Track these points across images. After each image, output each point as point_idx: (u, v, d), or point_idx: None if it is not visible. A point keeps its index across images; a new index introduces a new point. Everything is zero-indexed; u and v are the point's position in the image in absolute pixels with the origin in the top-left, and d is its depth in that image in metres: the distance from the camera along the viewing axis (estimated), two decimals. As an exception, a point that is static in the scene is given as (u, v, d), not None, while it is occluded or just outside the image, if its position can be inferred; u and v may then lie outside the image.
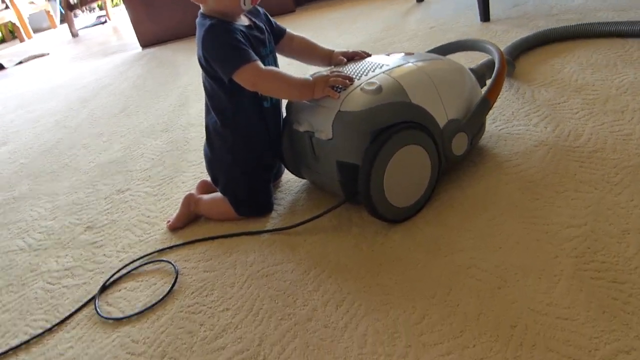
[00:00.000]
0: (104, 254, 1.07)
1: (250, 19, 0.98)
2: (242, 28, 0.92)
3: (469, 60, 1.32)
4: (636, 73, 1.23)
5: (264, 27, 0.99)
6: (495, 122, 1.16)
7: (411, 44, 1.89)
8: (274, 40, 1.02)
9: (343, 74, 0.91)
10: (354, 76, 0.92)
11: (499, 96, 1.13)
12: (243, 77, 0.90)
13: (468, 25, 1.95)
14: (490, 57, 1.14)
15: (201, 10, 0.96)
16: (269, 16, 1.03)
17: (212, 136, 1.01)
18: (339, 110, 0.88)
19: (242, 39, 0.90)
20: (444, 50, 1.19)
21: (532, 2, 2.02)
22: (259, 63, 0.90)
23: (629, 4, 1.71)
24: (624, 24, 1.40)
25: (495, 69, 1.06)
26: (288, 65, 1.26)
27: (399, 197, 0.89)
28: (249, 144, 0.99)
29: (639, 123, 1.03)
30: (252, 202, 1.03)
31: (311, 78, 0.91)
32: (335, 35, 2.33)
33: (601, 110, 1.11)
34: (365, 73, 0.93)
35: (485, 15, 1.93)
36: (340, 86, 0.89)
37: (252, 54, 0.90)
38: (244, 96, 0.94)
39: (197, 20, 0.96)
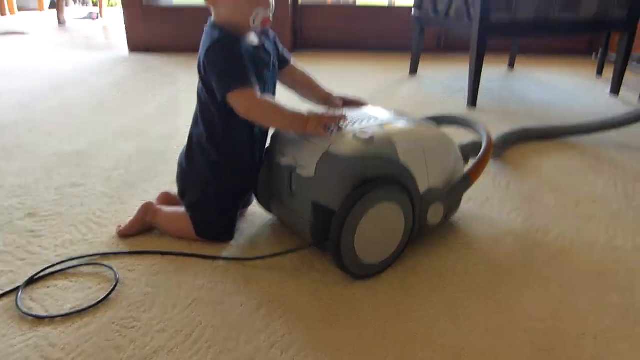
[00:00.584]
0: (40, 245, 0.99)
1: (260, 39, 0.97)
2: (249, 47, 0.91)
3: (455, 137, 1.34)
4: (605, 185, 1.27)
5: (271, 50, 0.98)
6: (469, 202, 1.17)
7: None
8: (278, 66, 1.01)
9: (338, 114, 0.90)
10: (348, 122, 0.91)
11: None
12: (237, 101, 0.87)
13: (455, 107, 2.00)
14: (478, 138, 1.16)
15: (211, 18, 0.94)
16: (278, 40, 1.02)
17: (194, 148, 0.97)
18: (327, 151, 0.86)
19: (247, 60, 0.88)
20: (436, 120, 1.20)
21: (517, 101, 2.11)
22: (256, 90, 0.87)
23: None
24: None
25: (482, 149, 1.07)
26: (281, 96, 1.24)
27: (367, 252, 0.86)
28: (232, 166, 0.96)
29: (604, 232, 1.05)
30: (216, 225, 0.98)
31: (305, 113, 0.90)
32: (327, 85, 2.34)
33: (571, 213, 1.13)
34: (359, 121, 0.92)
35: (472, 102, 1.99)
36: (332, 128, 0.88)
37: (253, 79, 0.87)
38: (237, 115, 0.91)
39: (206, 28, 0.93)
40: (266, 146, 1.01)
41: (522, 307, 0.82)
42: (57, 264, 0.92)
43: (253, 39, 0.94)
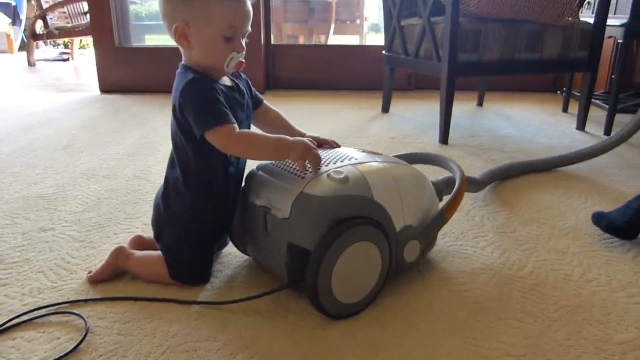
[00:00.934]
0: (6, 294, 0.95)
1: (232, 81, 0.97)
2: (223, 88, 0.91)
3: (428, 174, 1.35)
4: (577, 219, 1.29)
5: (244, 90, 0.98)
6: (445, 238, 1.17)
7: (372, 148, 1.94)
8: (252, 107, 1.01)
9: (320, 157, 0.89)
10: (322, 162, 0.91)
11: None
12: (216, 138, 0.87)
13: (427, 143, 2.03)
14: (450, 175, 1.18)
15: (183, 62, 0.94)
16: (249, 82, 1.03)
17: (170, 191, 0.96)
18: (302, 192, 0.86)
19: (222, 99, 0.88)
20: (409, 158, 1.22)
21: (487, 136, 2.16)
22: (234, 126, 0.87)
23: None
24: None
25: (456, 186, 1.08)
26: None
27: (344, 292, 0.85)
28: (207, 208, 0.94)
29: (578, 266, 1.06)
30: (191, 268, 0.96)
31: (288, 137, 0.90)
32: (300, 124, 2.36)
33: (544, 247, 1.14)
34: (333, 161, 0.92)
35: (444, 138, 2.03)
36: (310, 168, 0.88)
37: (230, 116, 0.88)
38: (212, 158, 0.91)
39: (178, 70, 0.93)
40: (241, 187, 1.00)
41: (500, 342, 0.81)
42: (24, 313, 0.88)
43: (226, 80, 0.95)
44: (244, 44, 0.92)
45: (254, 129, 1.03)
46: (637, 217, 1.15)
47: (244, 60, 0.92)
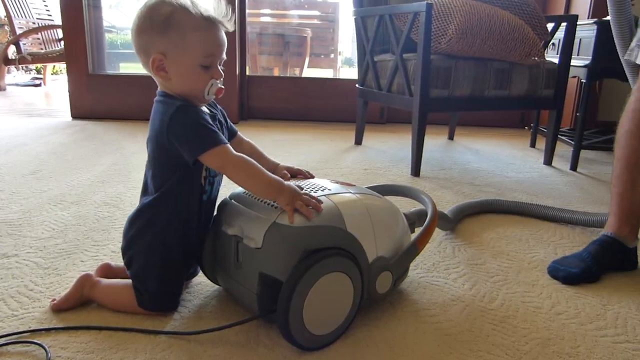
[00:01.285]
0: (-36, 323, 0.91)
1: (210, 111, 0.98)
2: (207, 115, 0.91)
3: (400, 206, 1.37)
4: (546, 252, 1.32)
5: (222, 120, 0.99)
6: (416, 269, 1.18)
7: (345, 179, 1.95)
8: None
9: (314, 201, 0.88)
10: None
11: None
12: (212, 159, 0.87)
13: (399, 176, 2.06)
14: (422, 207, 1.19)
15: (161, 89, 0.94)
16: (225, 114, 1.03)
17: (141, 217, 0.94)
18: (275, 222, 0.86)
19: (211, 122, 0.89)
20: (381, 190, 1.23)
21: (458, 170, 2.19)
22: (229, 147, 0.88)
23: (539, 190, 1.89)
24: (563, 211, 1.55)
25: (428, 219, 1.09)
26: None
27: (316, 324, 0.84)
28: (178, 235, 0.93)
29: (547, 298, 1.08)
30: (160, 295, 0.94)
31: (283, 181, 0.89)
32: (273, 156, 2.36)
33: (514, 280, 1.16)
34: (307, 192, 0.92)
35: (416, 171, 2.06)
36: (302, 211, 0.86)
37: (223, 137, 0.88)
38: (189, 185, 0.92)
39: (158, 99, 0.93)
40: (213, 216, 0.99)
41: (472, 376, 0.81)
42: (-19, 343, 0.84)
43: (205, 109, 0.95)
44: (220, 71, 0.93)
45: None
46: (594, 262, 1.17)
47: (222, 87, 0.94)
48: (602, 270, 1.18)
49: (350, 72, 6.08)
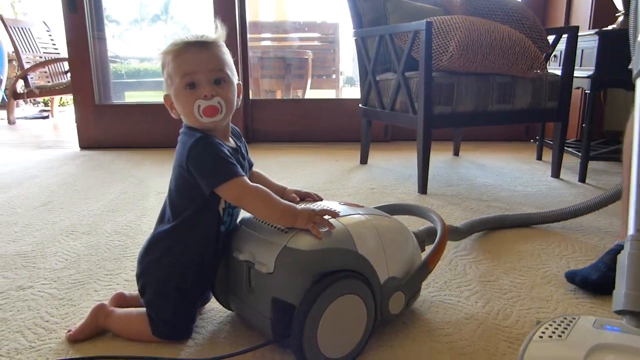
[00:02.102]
0: (-19, 357, 0.92)
1: (236, 143, 1.00)
2: (229, 148, 0.93)
3: (409, 224, 1.37)
4: (558, 266, 1.31)
5: (246, 155, 1.01)
6: (428, 288, 1.18)
7: (352, 199, 1.96)
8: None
9: (329, 213, 0.90)
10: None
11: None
12: (228, 191, 0.89)
13: (406, 194, 2.06)
14: (431, 224, 1.19)
15: (186, 123, 0.96)
16: (247, 147, 1.05)
17: (157, 246, 0.95)
18: (286, 246, 0.86)
19: (230, 155, 0.91)
20: (389, 209, 1.23)
21: (465, 185, 2.20)
22: (246, 179, 0.89)
23: (548, 203, 1.88)
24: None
25: (438, 237, 1.10)
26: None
27: (330, 347, 0.85)
28: (193, 263, 0.94)
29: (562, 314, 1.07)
30: (174, 323, 0.94)
31: (296, 205, 0.91)
32: (279, 178, 2.39)
33: (528, 296, 1.15)
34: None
35: (423, 188, 2.06)
36: (323, 226, 0.88)
37: (239, 169, 0.90)
38: (208, 217, 0.94)
39: (182, 130, 0.96)
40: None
41: (490, 395, 0.81)
42: (-2, 377, 0.85)
43: (231, 142, 0.97)
44: (211, 89, 0.91)
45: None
46: (610, 271, 1.17)
47: (217, 105, 0.91)
48: None
49: (352, 92, 6.12)
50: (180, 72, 0.91)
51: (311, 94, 5.19)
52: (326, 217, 0.89)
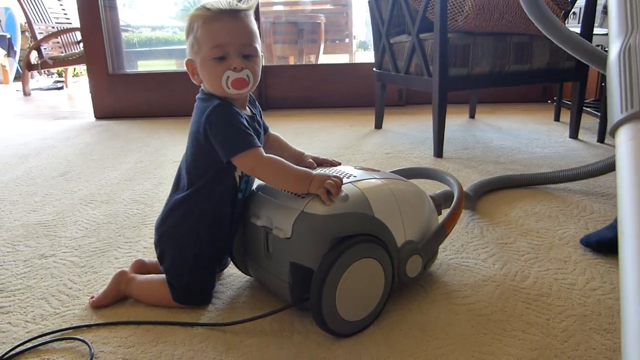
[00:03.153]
0: (10, 322, 0.94)
1: (251, 111, 0.99)
2: (246, 117, 0.93)
3: (425, 188, 1.36)
4: (576, 227, 1.30)
5: (261, 121, 1.00)
6: (445, 251, 1.18)
7: (367, 164, 1.95)
8: None
9: (338, 180, 0.89)
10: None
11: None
12: (243, 162, 0.89)
13: (422, 158, 2.05)
14: (448, 188, 1.19)
15: (203, 89, 0.95)
16: (261, 112, 1.04)
17: (174, 213, 0.96)
18: (303, 211, 0.86)
19: (246, 124, 0.90)
20: (406, 173, 1.23)
21: (481, 148, 2.17)
22: (261, 150, 0.89)
23: (566, 164, 1.86)
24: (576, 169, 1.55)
25: (454, 200, 1.09)
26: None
27: (348, 310, 0.85)
28: (212, 231, 0.95)
29: (581, 274, 1.07)
30: (193, 289, 0.96)
31: (311, 171, 0.91)
32: (294, 145, 2.37)
33: (546, 257, 1.15)
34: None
35: (438, 152, 2.04)
36: (333, 192, 0.87)
37: (256, 139, 0.89)
38: (224, 184, 0.94)
39: (199, 96, 0.96)
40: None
41: (508, 355, 0.81)
42: (28, 341, 0.87)
43: (247, 110, 0.97)
44: (241, 62, 0.90)
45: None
46: None
47: (245, 78, 0.91)
48: None
49: (366, 56, 6.03)
50: (210, 42, 0.89)
51: (324, 58, 5.13)
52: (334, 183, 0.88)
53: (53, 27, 5.13)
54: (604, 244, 1.15)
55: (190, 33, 0.92)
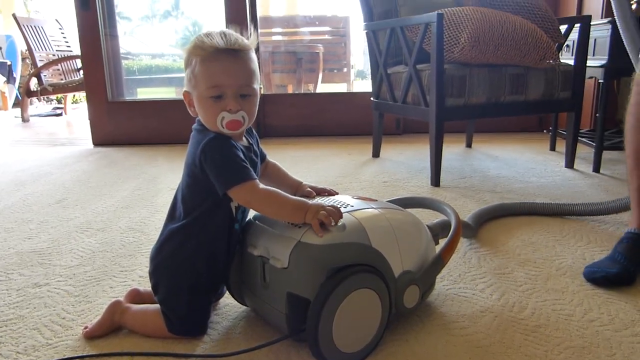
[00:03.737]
0: (1, 354, 0.93)
1: (248, 141, 0.99)
2: (242, 148, 0.93)
3: (422, 217, 1.36)
4: (574, 257, 1.30)
5: (257, 151, 1.01)
6: (443, 281, 1.17)
7: (365, 193, 1.95)
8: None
9: (335, 211, 0.88)
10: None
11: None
12: (239, 194, 0.89)
13: (419, 187, 2.05)
14: (445, 217, 1.19)
15: (198, 122, 0.96)
16: (258, 140, 1.05)
17: (169, 243, 0.95)
18: (300, 241, 0.86)
19: (242, 156, 0.90)
20: (403, 203, 1.23)
21: (478, 177, 2.18)
22: (257, 182, 0.89)
23: (563, 194, 1.87)
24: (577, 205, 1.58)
25: (452, 230, 1.09)
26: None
27: (345, 341, 0.85)
28: (206, 259, 0.94)
29: (579, 305, 1.06)
30: (189, 320, 0.95)
31: (307, 200, 0.91)
32: (292, 173, 2.38)
33: (543, 288, 1.14)
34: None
35: (436, 181, 2.05)
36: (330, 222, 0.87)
37: (252, 172, 0.89)
38: (220, 215, 0.93)
39: (196, 126, 0.96)
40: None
41: (507, 389, 0.80)
42: (18, 373, 0.86)
43: (244, 141, 0.97)
44: (237, 104, 0.90)
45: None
46: (628, 261, 1.16)
47: (240, 119, 0.91)
48: (638, 268, 1.16)
49: (364, 85, 6.10)
50: (207, 82, 0.90)
51: (323, 87, 5.18)
52: (329, 216, 0.87)
53: (54, 55, 5.18)
54: (610, 280, 1.14)
55: (188, 67, 0.92)
